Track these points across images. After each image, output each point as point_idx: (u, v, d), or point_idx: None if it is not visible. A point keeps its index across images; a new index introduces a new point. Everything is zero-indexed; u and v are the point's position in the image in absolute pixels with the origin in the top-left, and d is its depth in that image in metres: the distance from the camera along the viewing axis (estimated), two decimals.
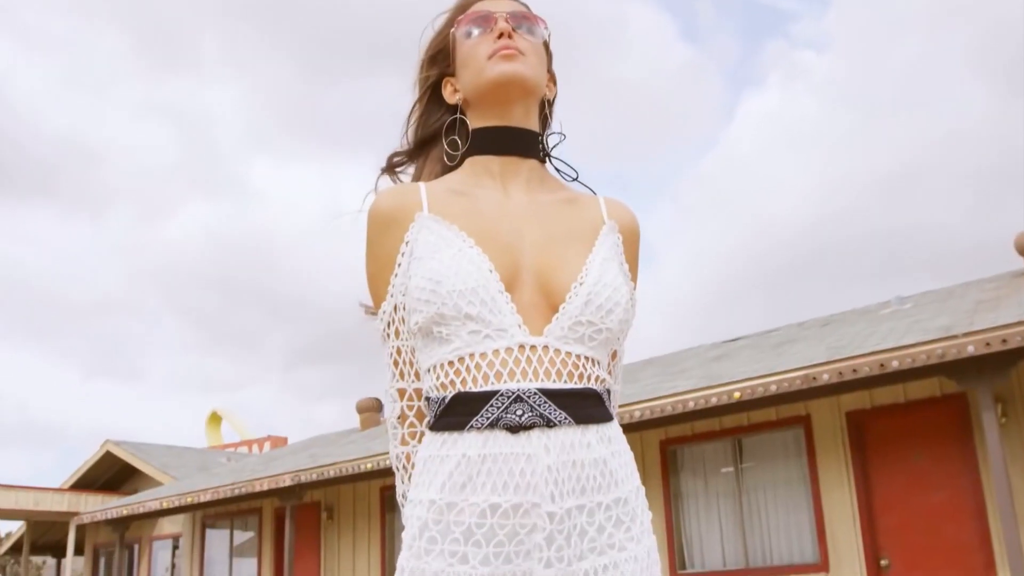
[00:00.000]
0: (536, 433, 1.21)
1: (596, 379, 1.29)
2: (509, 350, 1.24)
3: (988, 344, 7.31)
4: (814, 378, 8.25)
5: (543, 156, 1.47)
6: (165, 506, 15.42)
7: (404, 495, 1.35)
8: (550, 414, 1.22)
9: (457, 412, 1.24)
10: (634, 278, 1.42)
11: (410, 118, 1.52)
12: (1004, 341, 7.25)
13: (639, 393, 9.98)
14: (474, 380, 1.24)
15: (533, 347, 1.25)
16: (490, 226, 1.33)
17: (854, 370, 8.01)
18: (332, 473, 12.34)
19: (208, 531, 16.67)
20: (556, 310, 1.27)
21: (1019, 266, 10.92)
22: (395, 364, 1.37)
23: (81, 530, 20.89)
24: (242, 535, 16.12)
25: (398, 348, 1.36)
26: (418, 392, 1.36)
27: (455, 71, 1.46)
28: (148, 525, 19.20)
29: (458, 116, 1.46)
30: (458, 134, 1.46)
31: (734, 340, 13.37)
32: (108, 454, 21.90)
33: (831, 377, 8.14)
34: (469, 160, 1.44)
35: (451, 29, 1.47)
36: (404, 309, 1.32)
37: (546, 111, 1.49)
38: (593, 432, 1.25)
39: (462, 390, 1.24)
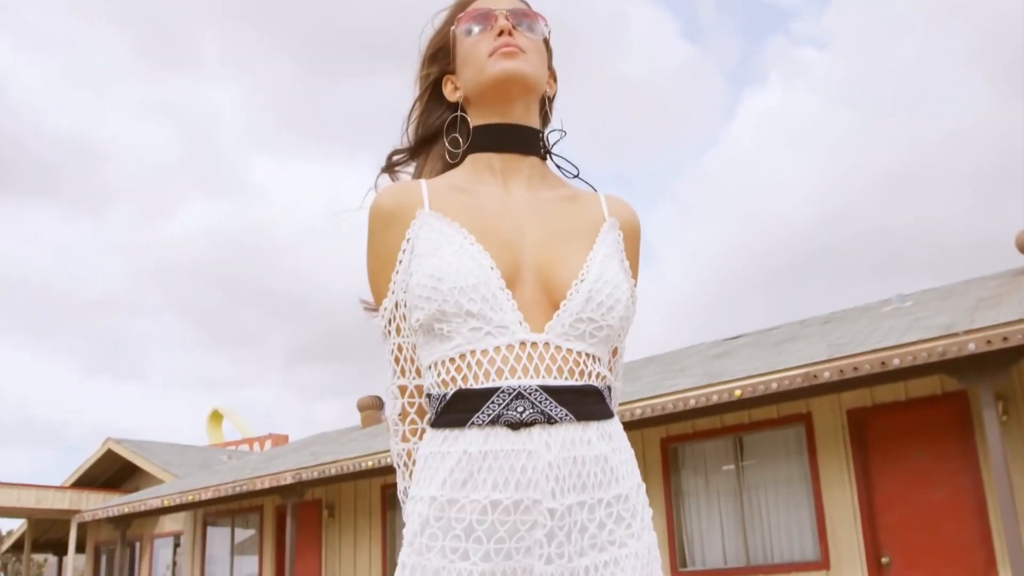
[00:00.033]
0: (537, 430, 1.21)
1: (597, 376, 1.29)
2: (510, 347, 1.24)
3: (989, 342, 7.31)
4: (815, 376, 8.25)
5: (544, 153, 1.47)
6: (166, 504, 15.44)
7: (405, 492, 1.35)
8: (551, 411, 1.22)
9: (458, 409, 1.24)
10: (635, 275, 1.42)
11: (411, 116, 1.52)
12: (1005, 339, 7.25)
13: (640, 391, 9.98)
14: (475, 377, 1.24)
15: (534, 344, 1.25)
16: (491, 223, 1.33)
17: (855, 368, 8.01)
18: (333, 471, 12.35)
19: (209, 529, 16.69)
20: (557, 307, 1.28)
21: (1020, 264, 10.91)
22: (396, 361, 1.37)
23: (82, 528, 20.91)
24: (243, 533, 16.13)
25: (399, 345, 1.36)
26: (419, 389, 1.36)
27: (455, 69, 1.47)
28: (149, 523, 19.23)
29: (459, 114, 1.46)
30: (459, 132, 1.47)
31: (735, 338, 13.37)
32: (109, 452, 21.92)
33: (832, 375, 8.14)
34: (470, 157, 1.44)
35: (451, 27, 1.47)
36: (405, 306, 1.32)
37: (546, 108, 1.49)
38: (594, 429, 1.25)
39: (463, 387, 1.24)
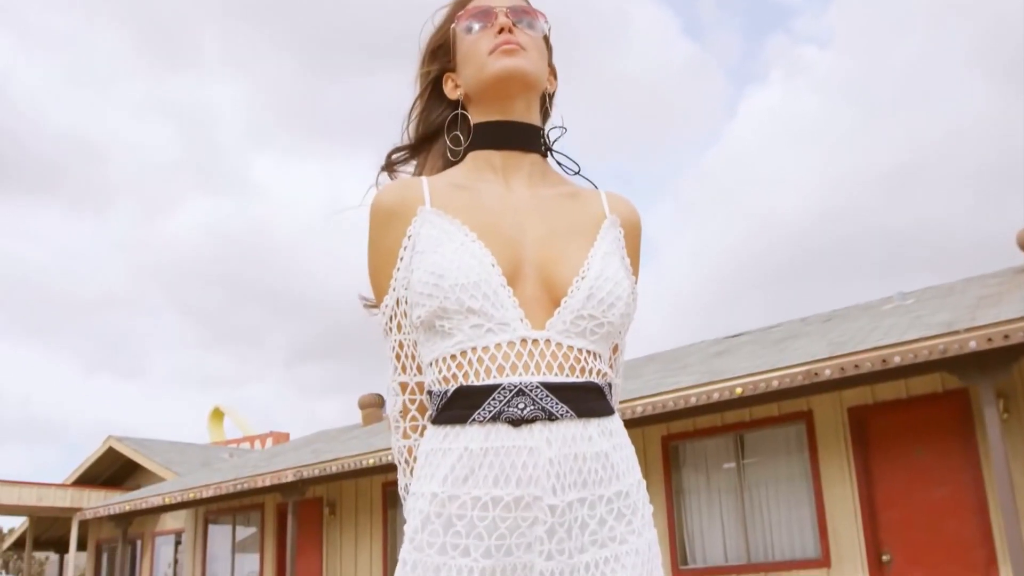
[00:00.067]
0: (538, 426, 1.21)
1: (598, 373, 1.29)
2: (511, 344, 1.24)
3: (990, 340, 7.31)
4: (816, 374, 8.25)
5: (545, 150, 1.47)
6: (167, 502, 15.45)
7: (406, 488, 1.35)
8: (552, 407, 1.22)
9: (459, 405, 1.24)
10: (635, 272, 1.42)
11: (411, 114, 1.52)
12: (1006, 337, 7.25)
13: (641, 388, 9.98)
14: (476, 374, 1.24)
15: (535, 341, 1.25)
16: (492, 220, 1.33)
17: (856, 366, 8.01)
18: (334, 469, 12.36)
19: (210, 527, 16.70)
20: (558, 304, 1.28)
21: (1021, 262, 10.91)
22: (397, 358, 1.37)
23: (84, 526, 20.93)
24: (244, 531, 16.14)
25: (400, 342, 1.36)
26: (420, 386, 1.36)
27: (456, 66, 1.47)
28: (151, 521, 19.25)
29: (460, 111, 1.47)
30: (460, 129, 1.47)
31: (736, 336, 13.37)
32: (111, 450, 21.95)
33: (833, 373, 8.14)
34: (471, 155, 1.44)
35: (451, 24, 1.47)
36: (406, 303, 1.32)
37: (547, 105, 1.49)
38: (594, 426, 1.25)
39: (464, 384, 1.24)
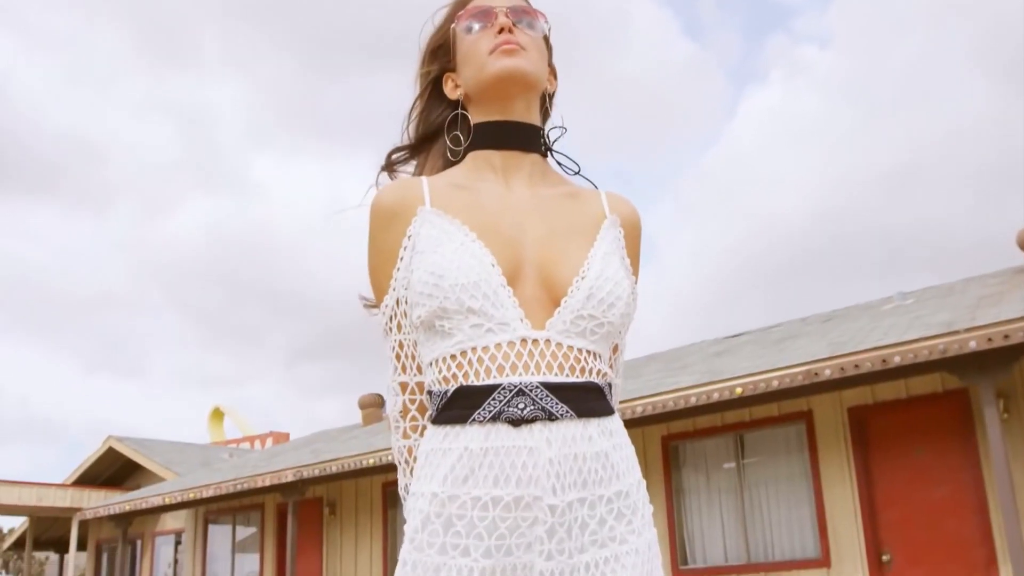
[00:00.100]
0: (538, 426, 1.21)
1: (598, 373, 1.29)
2: (511, 344, 1.24)
3: (990, 340, 7.31)
4: (816, 374, 8.25)
5: (545, 150, 1.47)
6: (167, 502, 15.45)
7: (406, 488, 1.35)
8: (552, 407, 1.22)
9: (459, 405, 1.24)
10: (635, 272, 1.42)
11: (411, 114, 1.52)
12: (1006, 337, 7.25)
13: (641, 388, 9.98)
14: (476, 374, 1.24)
15: (535, 341, 1.25)
16: (492, 220, 1.33)
17: (856, 366, 8.01)
18: (334, 469, 12.36)
19: (210, 527, 16.70)
20: (558, 304, 1.28)
21: (1021, 262, 10.91)
22: (397, 358, 1.37)
23: (84, 526, 20.93)
24: (244, 531, 16.14)
25: (400, 342, 1.36)
26: (420, 386, 1.36)
27: (456, 66, 1.47)
28: (151, 521, 19.25)
29: (460, 111, 1.46)
30: (460, 129, 1.47)
31: (736, 336, 13.37)
32: (111, 450, 21.95)
33: (833, 373, 8.14)
34: (471, 155, 1.44)
35: (451, 24, 1.47)
36: (406, 303, 1.32)
37: (547, 105, 1.49)
38: (595, 425, 1.25)
39: (464, 384, 1.24)
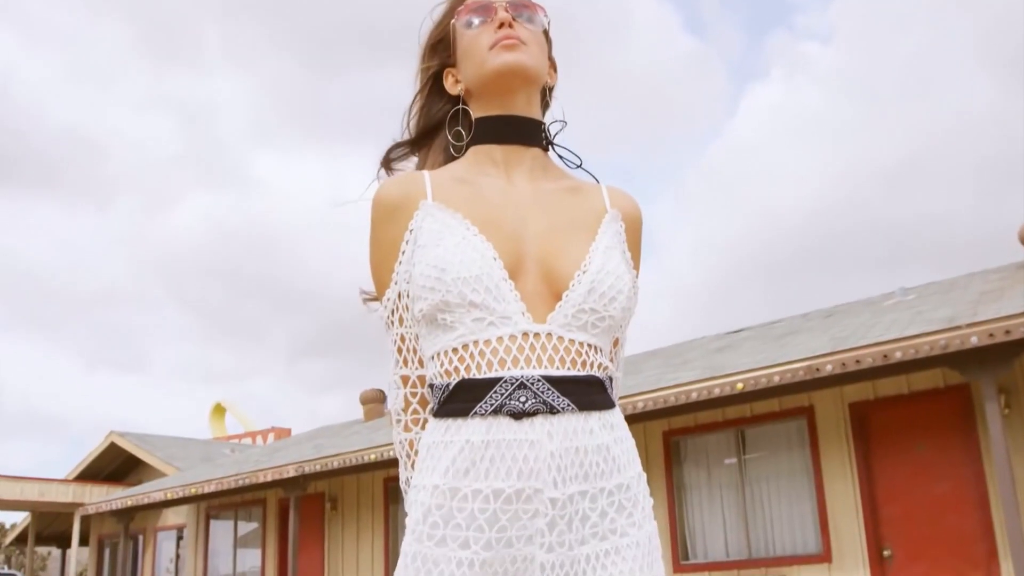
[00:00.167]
0: (539, 419, 1.22)
1: (599, 366, 1.30)
2: (513, 337, 1.25)
3: (991, 335, 7.31)
4: (817, 369, 8.26)
5: (546, 145, 1.48)
6: (169, 497, 15.48)
7: (408, 481, 1.36)
8: (553, 401, 1.23)
9: (461, 399, 1.24)
10: (636, 266, 1.43)
11: (411, 109, 1.52)
12: (1008, 332, 7.25)
13: (642, 384, 9.99)
14: (478, 367, 1.24)
15: (536, 334, 1.26)
16: (494, 214, 1.33)
17: (857, 361, 8.02)
18: (336, 464, 12.38)
19: (212, 522, 16.73)
20: (559, 298, 1.28)
21: (1022, 257, 10.90)
22: (399, 351, 1.38)
23: (86, 521, 20.98)
24: (246, 526, 16.17)
25: (402, 335, 1.37)
26: (422, 379, 1.37)
27: (456, 62, 1.47)
28: (153, 516, 19.29)
29: (461, 106, 1.47)
30: (461, 124, 1.47)
31: (737, 331, 13.37)
32: (113, 445, 22.00)
33: (834, 368, 8.14)
34: (472, 149, 1.44)
35: (451, 19, 1.47)
36: (408, 296, 1.32)
37: (547, 98, 1.49)
38: (596, 419, 1.26)
39: (466, 377, 1.25)
